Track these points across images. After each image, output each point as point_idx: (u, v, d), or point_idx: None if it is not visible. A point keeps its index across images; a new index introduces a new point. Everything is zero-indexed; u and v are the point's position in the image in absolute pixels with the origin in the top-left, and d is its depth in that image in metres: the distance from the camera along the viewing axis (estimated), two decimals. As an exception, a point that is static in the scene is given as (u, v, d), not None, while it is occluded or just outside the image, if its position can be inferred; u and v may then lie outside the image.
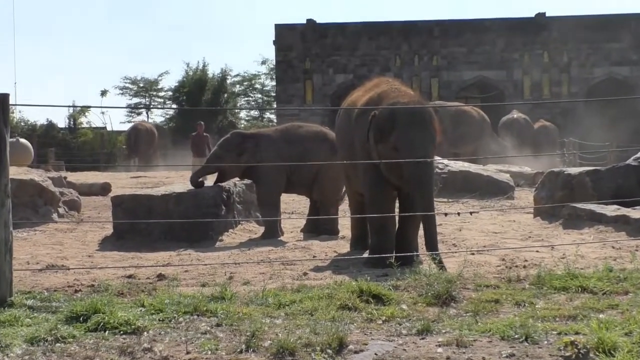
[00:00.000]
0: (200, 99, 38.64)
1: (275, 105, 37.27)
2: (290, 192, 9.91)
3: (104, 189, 14.90)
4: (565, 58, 32.15)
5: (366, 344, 3.95)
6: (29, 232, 9.64)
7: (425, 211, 6.28)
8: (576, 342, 3.76)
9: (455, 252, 7.15)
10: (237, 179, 9.77)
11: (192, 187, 9.20)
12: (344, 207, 10.37)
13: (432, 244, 6.24)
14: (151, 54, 74.80)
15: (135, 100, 43.09)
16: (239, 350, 3.86)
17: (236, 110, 41.23)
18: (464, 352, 3.80)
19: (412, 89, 7.77)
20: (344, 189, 9.10)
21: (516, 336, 4.00)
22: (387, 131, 6.46)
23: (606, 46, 31.95)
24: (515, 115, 24.04)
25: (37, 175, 11.06)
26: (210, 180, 9.75)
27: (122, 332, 4.16)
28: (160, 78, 42.51)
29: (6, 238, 4.94)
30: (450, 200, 12.69)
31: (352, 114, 7.19)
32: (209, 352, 3.84)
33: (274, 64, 34.90)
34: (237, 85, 44.51)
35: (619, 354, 3.60)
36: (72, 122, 36.13)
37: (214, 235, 8.83)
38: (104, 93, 39.21)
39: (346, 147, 7.39)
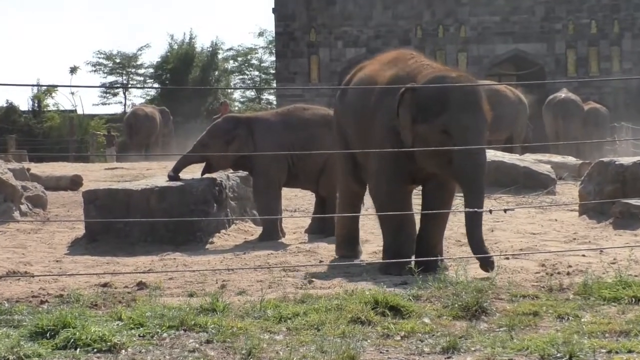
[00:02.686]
0: (187, 77, 38.70)
1: (274, 85, 37.28)
2: (292, 186, 9.91)
3: (74, 182, 14.93)
4: (617, 28, 32.04)
5: (382, 364, 3.96)
6: (-14, 233, 9.67)
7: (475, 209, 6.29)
8: (629, 362, 3.77)
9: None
10: (230, 170, 9.77)
11: (178, 181, 9.19)
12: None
13: (478, 247, 6.26)
14: (129, 25, 74.96)
15: (111, 78, 43.25)
16: (233, 371, 3.87)
17: (229, 90, 41.34)
18: (497, 374, 3.82)
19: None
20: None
21: (558, 355, 4.01)
22: (435, 111, 6.42)
23: (665, 14, 31.87)
24: (563, 95, 23.97)
25: (-5, 167, 11.08)
26: (197, 170, 9.73)
27: (96, 349, 4.18)
28: (139, 53, 42.66)
29: (-41, 240, 4.96)
30: (480, 195, 12.66)
31: (372, 92, 7.08)
32: (198, 373, 3.86)
33: (274, 36, 34.90)
34: (230, 61, 44.61)
35: (679, 375, 3.61)
36: (36, 104, 36.22)
37: (203, 237, 8.85)
38: (73, 70, 39.32)
39: (357, 130, 7.26)
